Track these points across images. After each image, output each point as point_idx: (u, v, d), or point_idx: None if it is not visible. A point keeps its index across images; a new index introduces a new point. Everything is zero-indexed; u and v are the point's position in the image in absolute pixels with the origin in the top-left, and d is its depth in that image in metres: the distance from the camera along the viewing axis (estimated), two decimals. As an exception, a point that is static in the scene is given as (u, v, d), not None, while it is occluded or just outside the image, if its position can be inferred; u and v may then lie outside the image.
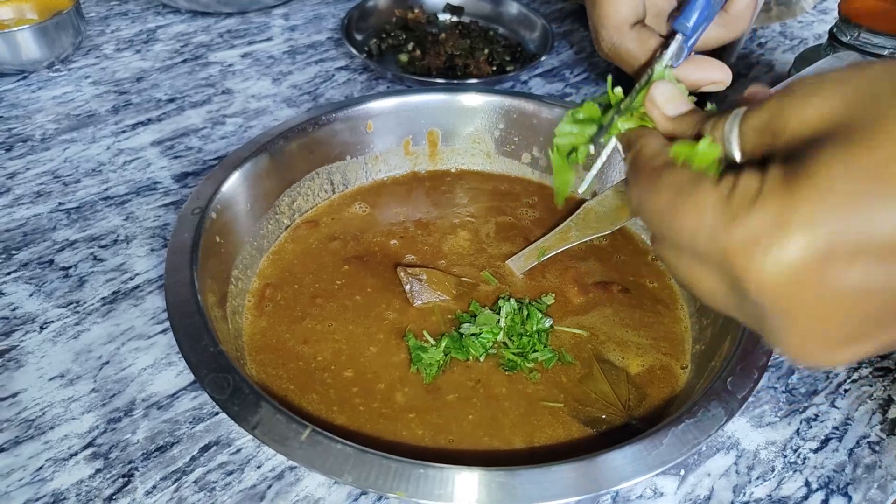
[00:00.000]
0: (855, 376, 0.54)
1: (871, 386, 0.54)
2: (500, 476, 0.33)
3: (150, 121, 0.78)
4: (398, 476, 0.32)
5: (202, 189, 0.49)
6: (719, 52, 0.73)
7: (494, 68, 0.84)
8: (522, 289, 0.54)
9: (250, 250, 0.53)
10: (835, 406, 0.52)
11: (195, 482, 0.46)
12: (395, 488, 0.32)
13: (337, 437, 0.34)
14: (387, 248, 0.57)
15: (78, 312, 0.57)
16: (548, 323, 0.48)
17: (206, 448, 0.48)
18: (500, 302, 0.50)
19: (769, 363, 0.54)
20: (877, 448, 0.50)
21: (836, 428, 0.51)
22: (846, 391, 0.53)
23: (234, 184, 0.51)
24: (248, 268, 0.53)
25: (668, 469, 0.48)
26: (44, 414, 0.50)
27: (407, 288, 0.52)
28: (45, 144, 0.74)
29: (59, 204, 0.67)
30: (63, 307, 0.57)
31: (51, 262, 0.61)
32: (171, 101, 0.82)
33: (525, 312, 0.49)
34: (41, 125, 0.77)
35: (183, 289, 0.41)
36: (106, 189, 0.69)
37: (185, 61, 0.89)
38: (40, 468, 0.47)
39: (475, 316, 0.50)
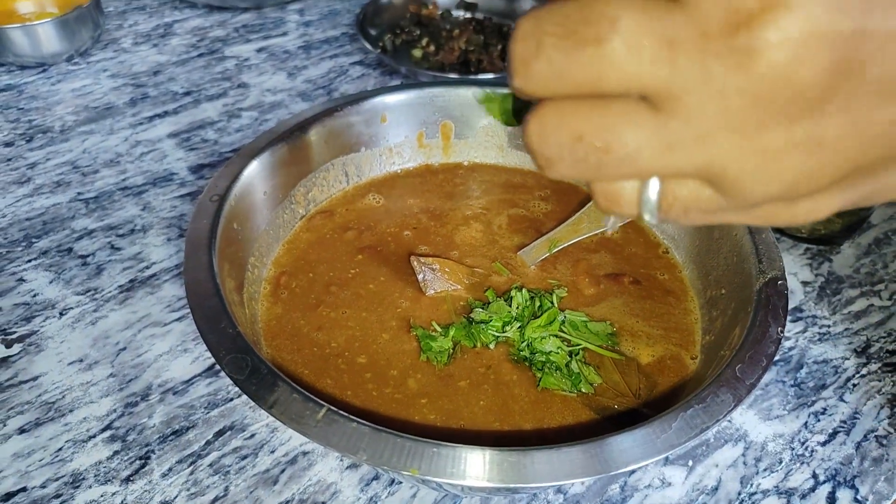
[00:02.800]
0: (864, 371, 0.55)
1: (879, 381, 0.54)
2: (511, 455, 0.33)
3: (166, 113, 0.80)
4: (412, 454, 0.33)
5: (221, 177, 0.50)
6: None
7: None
8: (534, 279, 0.54)
9: (266, 238, 0.54)
10: (843, 400, 0.53)
11: (210, 465, 0.47)
12: (409, 466, 0.33)
13: (352, 417, 0.35)
14: (400, 239, 0.58)
15: (96, 299, 0.58)
16: (561, 318, 0.49)
17: (220, 433, 0.49)
18: (513, 292, 0.50)
19: (778, 354, 0.54)
20: (884, 442, 0.50)
21: (844, 422, 0.51)
22: (855, 385, 0.54)
23: (251, 172, 0.51)
24: (264, 255, 0.54)
25: (677, 459, 0.48)
26: (63, 397, 0.51)
27: (420, 277, 0.53)
28: (64, 136, 0.76)
29: (78, 194, 0.69)
30: (81, 294, 0.59)
31: (70, 250, 0.63)
32: (188, 94, 0.83)
33: (537, 303, 0.50)
34: (60, 117, 0.78)
35: (202, 272, 0.42)
36: (124, 180, 0.70)
37: (201, 55, 0.90)
38: (60, 449, 0.48)
39: (488, 303, 0.50)
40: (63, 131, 0.77)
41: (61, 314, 0.57)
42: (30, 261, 0.61)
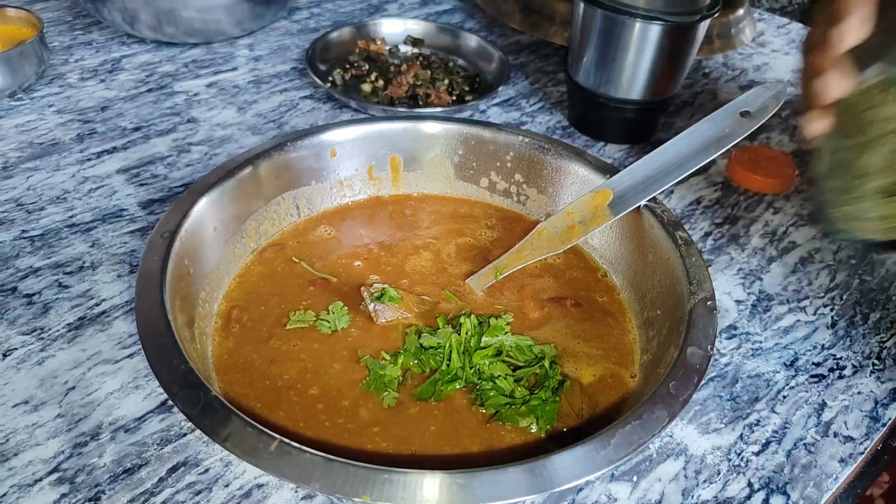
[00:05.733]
0: (793, 383, 0.58)
1: (806, 392, 0.58)
2: (459, 478, 0.35)
3: (115, 149, 0.79)
4: (364, 481, 0.34)
5: (171, 213, 0.51)
6: (665, 82, 0.78)
7: (454, 98, 0.88)
8: (482, 305, 0.57)
9: (217, 273, 0.55)
10: (774, 411, 0.56)
11: (163, 503, 0.47)
12: (361, 493, 0.34)
13: (304, 448, 0.36)
14: (351, 270, 0.59)
15: (42, 339, 0.57)
16: (508, 341, 0.51)
17: (173, 469, 0.49)
18: (462, 319, 0.52)
19: (714, 371, 0.58)
20: (812, 449, 0.53)
21: (776, 432, 0.54)
22: (785, 397, 0.57)
23: (202, 208, 0.52)
24: (215, 290, 0.54)
25: (622, 475, 0.50)
26: (7, 441, 0.50)
27: (371, 307, 0.54)
28: (7, 172, 0.75)
29: (23, 231, 0.68)
30: (27, 334, 0.58)
31: (14, 289, 0.62)
32: (137, 129, 0.83)
33: (485, 327, 0.52)
34: (3, 153, 0.77)
35: (153, 310, 0.43)
36: (71, 216, 0.70)
37: (150, 90, 0.90)
38: (4, 495, 0.47)
39: (438, 329, 0.52)
40: (6, 168, 0.75)
41: (5, 355, 0.56)
42: (-29, 301, 0.60)
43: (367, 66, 0.93)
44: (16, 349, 0.56)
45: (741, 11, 1.01)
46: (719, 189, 0.79)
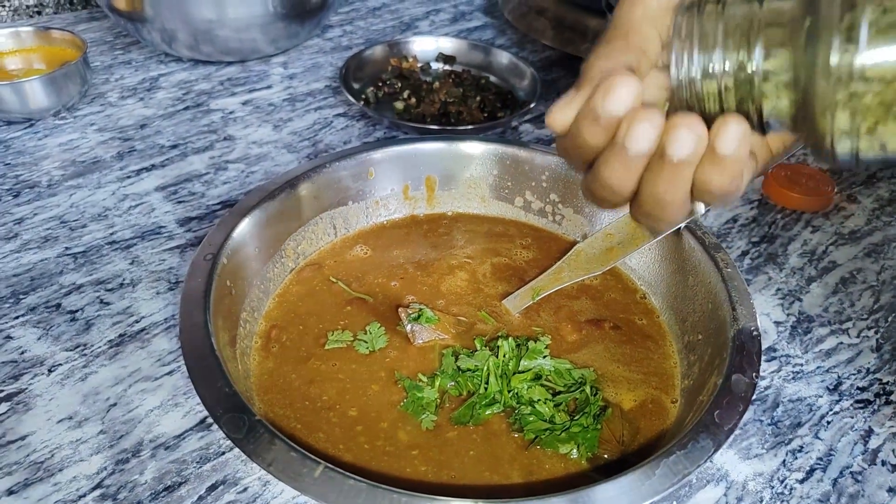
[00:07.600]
0: (837, 408, 0.57)
1: (852, 418, 0.56)
2: (503, 508, 0.34)
3: (154, 167, 0.81)
4: (407, 509, 0.34)
5: (213, 235, 0.51)
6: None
7: (486, 115, 0.88)
8: (518, 327, 0.56)
9: (257, 293, 0.55)
10: (818, 437, 0.55)
11: (203, 521, 0.47)
12: (405, 521, 0.34)
13: (348, 473, 0.36)
14: (388, 289, 0.59)
15: (85, 355, 0.58)
16: (547, 366, 0.51)
17: (213, 487, 0.49)
18: (499, 341, 0.52)
19: (754, 394, 0.56)
20: (859, 478, 0.52)
21: (821, 458, 0.53)
22: (829, 423, 0.56)
23: (243, 230, 0.53)
24: (256, 310, 0.55)
25: (661, 502, 0.50)
26: (52, 456, 0.51)
27: (408, 328, 0.54)
28: (51, 190, 0.77)
29: (66, 248, 0.69)
30: (70, 350, 0.59)
31: (58, 305, 0.63)
32: (175, 147, 0.84)
33: (523, 350, 0.51)
34: (47, 172, 0.79)
35: (197, 332, 0.43)
36: (112, 234, 0.71)
37: (187, 108, 0.92)
38: (50, 510, 0.48)
39: (475, 351, 0.52)
40: (50, 186, 0.77)
41: (50, 371, 0.57)
42: (17, 318, 0.62)
43: (399, 84, 0.93)
44: (60, 365, 0.58)
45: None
46: (756, 207, 0.78)
